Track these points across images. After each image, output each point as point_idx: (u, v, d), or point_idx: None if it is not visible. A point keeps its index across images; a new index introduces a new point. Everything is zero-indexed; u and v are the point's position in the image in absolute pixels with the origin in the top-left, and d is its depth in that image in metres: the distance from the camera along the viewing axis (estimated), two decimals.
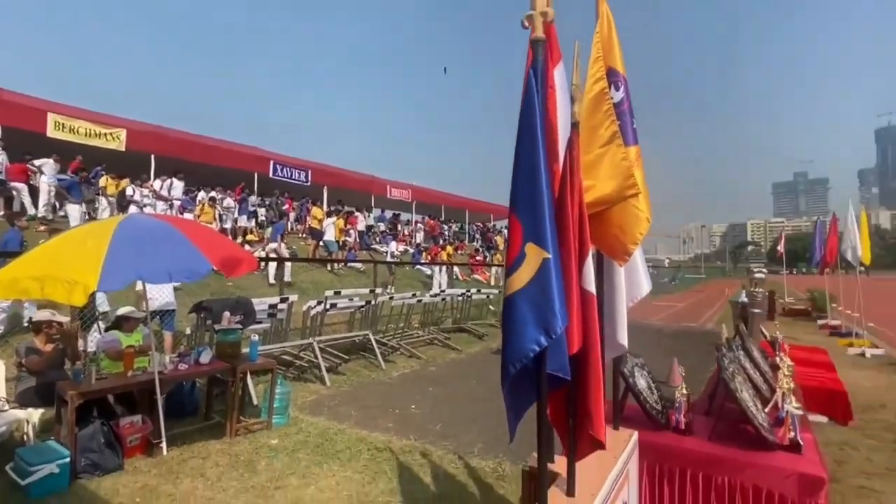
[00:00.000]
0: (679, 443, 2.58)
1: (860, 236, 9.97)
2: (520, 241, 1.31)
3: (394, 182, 23.99)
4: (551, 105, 1.86)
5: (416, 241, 19.63)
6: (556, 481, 1.69)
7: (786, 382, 2.78)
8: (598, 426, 1.54)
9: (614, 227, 1.90)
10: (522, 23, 1.44)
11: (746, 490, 2.34)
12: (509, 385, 1.34)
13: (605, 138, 1.90)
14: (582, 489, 1.62)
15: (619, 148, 1.87)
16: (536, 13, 1.42)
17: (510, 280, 1.30)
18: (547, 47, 1.92)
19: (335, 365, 7.18)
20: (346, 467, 3.91)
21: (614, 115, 1.90)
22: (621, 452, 1.96)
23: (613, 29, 2.05)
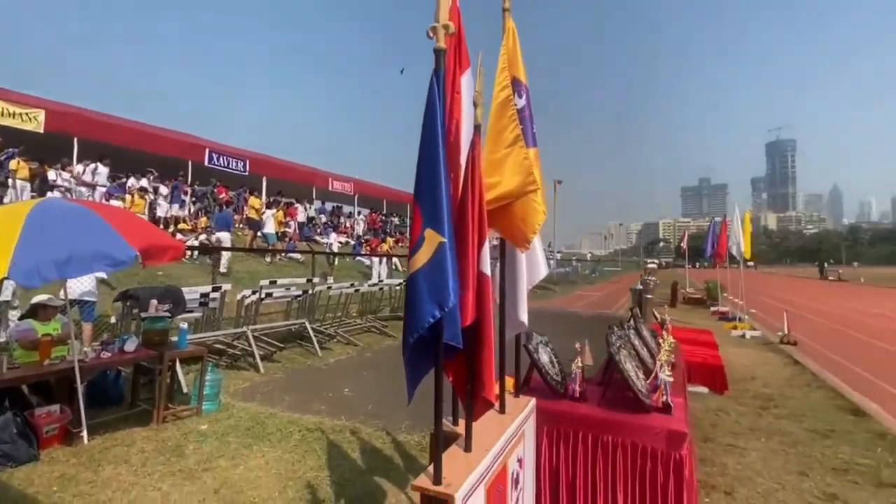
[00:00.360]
0: (574, 409, 2.84)
1: (743, 235, 11.12)
2: (420, 227, 1.43)
3: (336, 175, 23.49)
4: (457, 108, 2.00)
5: (357, 234, 19.39)
6: (457, 440, 1.84)
7: (664, 356, 3.13)
8: (489, 389, 1.71)
9: (517, 218, 2.08)
10: (427, 33, 1.55)
11: (626, 446, 2.63)
12: (410, 353, 1.46)
13: (509, 140, 2.07)
14: (478, 445, 1.78)
15: (522, 149, 2.05)
16: (440, 26, 1.54)
17: (411, 261, 1.43)
18: (455, 56, 2.06)
19: (270, 353, 7.03)
20: (277, 448, 3.90)
21: (517, 120, 2.07)
22: (518, 415, 2.15)
23: (517, 43, 2.21)
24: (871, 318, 13.67)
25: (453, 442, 1.85)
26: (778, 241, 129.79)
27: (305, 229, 17.46)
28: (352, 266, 16.66)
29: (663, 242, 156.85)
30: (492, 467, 1.76)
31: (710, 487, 3.35)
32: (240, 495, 3.12)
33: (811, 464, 3.74)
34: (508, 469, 1.97)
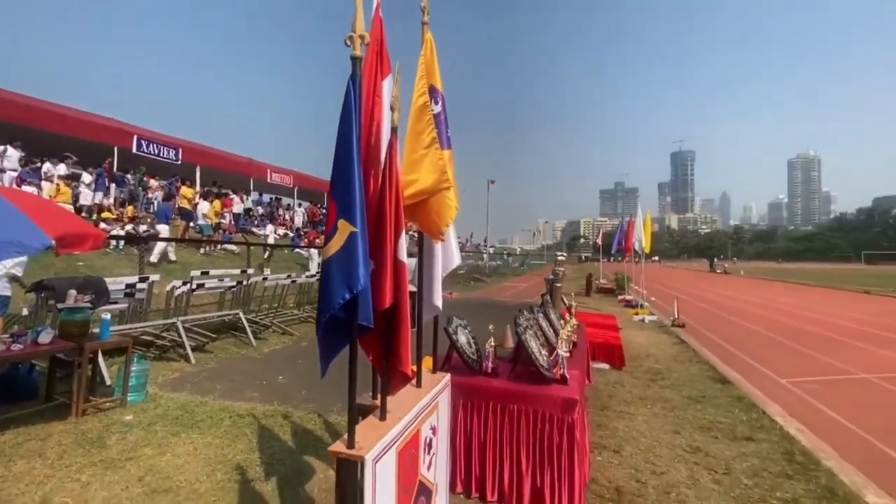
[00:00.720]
0: (486, 383, 3.05)
1: (644, 233, 12.14)
2: (334, 217, 1.51)
3: (275, 167, 22.49)
4: (378, 111, 2.09)
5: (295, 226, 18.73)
6: (374, 411, 1.95)
7: (564, 335, 3.43)
8: (405, 364, 1.83)
9: (432, 212, 2.20)
10: (345, 41, 1.62)
11: (529, 413, 2.88)
12: (323, 331, 1.54)
13: (426, 142, 2.18)
14: (393, 415, 1.90)
15: (437, 151, 2.17)
16: (356, 35, 1.62)
17: (325, 248, 1.50)
18: (377, 63, 2.14)
19: (202, 344, 6.71)
20: (206, 434, 3.78)
21: (434, 124, 2.19)
22: (433, 389, 2.30)
23: (435, 53, 2.33)
24: (742, 304, 15.47)
25: (369, 412, 1.96)
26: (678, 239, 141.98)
27: (242, 221, 16.60)
28: (290, 258, 16.11)
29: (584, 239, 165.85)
30: (404, 433, 1.88)
31: (602, 447, 3.72)
32: (166, 481, 3.02)
33: (684, 424, 4.26)
34: (421, 435, 2.11)
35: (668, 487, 3.10)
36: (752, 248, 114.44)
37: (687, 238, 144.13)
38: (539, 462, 2.82)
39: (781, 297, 18.05)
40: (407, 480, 1.93)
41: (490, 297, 16.36)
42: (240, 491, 2.94)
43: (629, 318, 11.30)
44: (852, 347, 8.15)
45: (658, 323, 10.76)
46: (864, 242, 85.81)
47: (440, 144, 2.20)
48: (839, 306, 14.79)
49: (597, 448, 3.69)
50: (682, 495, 3.00)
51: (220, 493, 2.90)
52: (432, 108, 2.23)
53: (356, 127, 1.56)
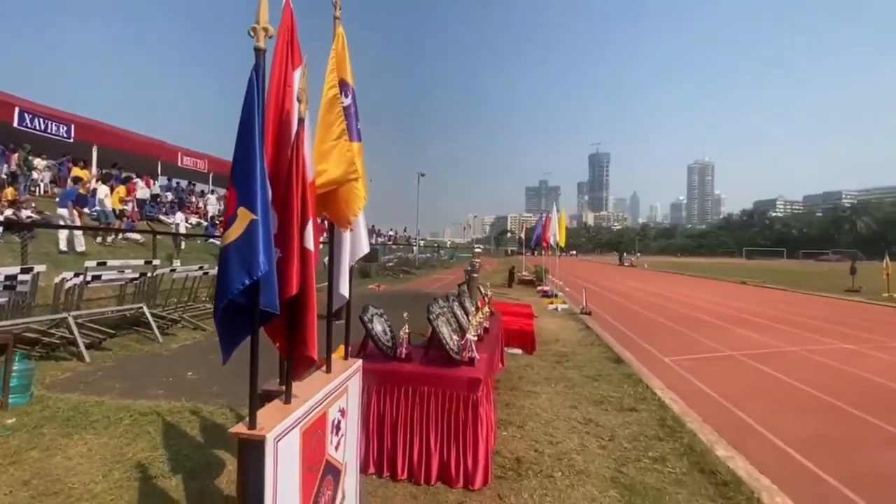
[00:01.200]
0: (400, 368, 3.18)
1: (559, 229, 13.01)
2: (234, 205, 1.53)
3: (187, 150, 20.72)
4: (288, 101, 2.10)
5: (210, 214, 17.48)
6: (280, 396, 1.99)
7: (474, 321, 3.66)
8: (311, 349, 1.89)
9: (341, 202, 2.27)
10: (249, 32, 1.64)
11: (439, 394, 3.06)
12: (221, 318, 1.57)
13: (336, 134, 2.24)
14: (298, 398, 1.96)
15: (346, 142, 2.24)
16: (259, 27, 1.64)
17: (225, 235, 1.52)
18: (288, 53, 2.15)
19: (98, 340, 6.13)
20: (102, 434, 3.53)
21: (343, 117, 2.25)
22: (342, 374, 2.37)
23: (346, 48, 2.39)
24: (642, 294, 17.16)
25: (275, 396, 2.00)
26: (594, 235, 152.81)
27: (148, 207, 15.16)
28: (204, 248, 15.03)
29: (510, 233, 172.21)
30: (309, 415, 1.95)
31: (508, 423, 4.03)
32: (56, 483, 2.80)
33: (580, 399, 4.72)
34: (329, 417, 2.18)
35: (561, 455, 3.45)
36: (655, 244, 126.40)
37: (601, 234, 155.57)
38: (446, 438, 3.02)
39: (675, 287, 20.25)
40: (312, 459, 2.00)
41: (418, 289, 16.53)
42: (140, 489, 2.81)
43: (545, 307, 12.07)
44: (725, 330, 9.44)
45: (569, 311, 11.61)
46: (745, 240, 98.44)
47: (349, 136, 2.28)
48: (720, 295, 16.94)
49: (503, 424, 3.99)
50: (573, 460, 3.37)
51: (118, 491, 2.75)
52: (342, 101, 2.29)
53: (258, 117, 1.59)
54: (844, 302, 15.05)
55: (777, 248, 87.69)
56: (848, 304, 14.61)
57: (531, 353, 6.67)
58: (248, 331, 1.69)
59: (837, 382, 5.64)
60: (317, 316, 1.95)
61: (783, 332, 9.24)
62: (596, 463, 3.34)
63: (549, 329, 8.75)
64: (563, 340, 7.77)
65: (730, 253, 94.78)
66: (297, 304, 1.90)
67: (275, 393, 2.06)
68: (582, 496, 2.90)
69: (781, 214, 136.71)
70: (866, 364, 6.57)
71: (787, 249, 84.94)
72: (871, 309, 13.30)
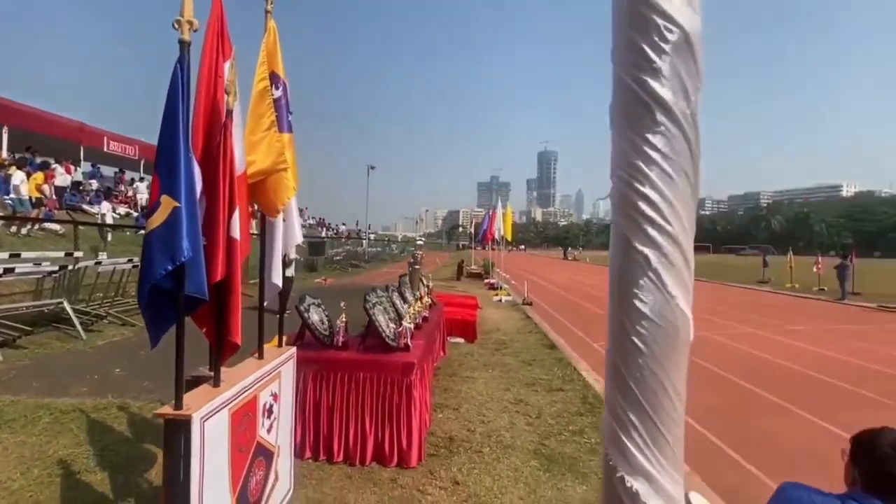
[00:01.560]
0: (336, 355, 3.27)
1: (505, 224, 13.45)
2: (157, 192, 1.57)
3: (114, 135, 19.21)
4: (220, 91, 2.13)
5: (141, 204, 16.35)
6: (209, 381, 2.04)
7: (411, 310, 3.81)
8: (235, 334, 1.96)
9: (270, 191, 2.33)
10: (173, 24, 1.67)
11: (374, 379, 3.19)
12: (146, 303, 1.60)
13: (266, 125, 2.29)
14: (227, 382, 2.01)
15: (276, 133, 2.29)
16: (184, 20, 1.67)
17: (148, 222, 1.56)
18: (219, 45, 2.17)
19: (12, 338, 5.68)
20: (19, 433, 3.36)
21: (273, 108, 2.31)
22: (274, 360, 2.44)
23: (278, 41, 2.44)
24: (579, 285, 18.12)
25: (205, 381, 2.05)
26: (542, 230, 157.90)
27: (69, 196, 13.95)
28: (133, 240, 14.06)
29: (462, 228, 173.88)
30: (238, 397, 2.02)
31: (445, 406, 4.23)
32: None
33: (514, 382, 5.02)
34: (260, 401, 2.25)
35: (491, 432, 3.70)
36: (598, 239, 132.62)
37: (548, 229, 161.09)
38: (381, 421, 3.16)
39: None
40: (242, 441, 2.07)
41: (367, 283, 16.43)
42: (63, 484, 2.73)
43: (490, 298, 12.46)
44: None
45: (512, 302, 12.08)
46: None
47: (279, 128, 2.34)
48: None
49: (440, 407, 4.19)
50: (501, 437, 3.62)
51: (38, 487, 2.66)
52: (273, 93, 2.35)
53: (181, 108, 1.63)
54: (754, 291, 16.73)
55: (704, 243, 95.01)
56: (757, 293, 16.26)
57: (473, 341, 6.93)
58: (175, 316, 1.73)
59: (736, 361, 6.37)
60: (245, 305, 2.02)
61: (699, 318, 10.13)
62: (522, 438, 3.62)
63: (491, 319, 9.09)
64: (504, 329, 8.12)
65: None
66: (223, 291, 1.95)
67: (204, 378, 2.10)
68: (506, 467, 3.14)
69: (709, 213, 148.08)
70: (762, 344, 7.43)
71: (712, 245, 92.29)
72: (775, 297, 14.90)
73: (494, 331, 7.95)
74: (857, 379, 5.52)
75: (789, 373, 5.84)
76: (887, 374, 5.82)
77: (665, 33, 0.54)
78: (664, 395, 0.71)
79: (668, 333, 0.62)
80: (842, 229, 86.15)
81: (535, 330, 8.14)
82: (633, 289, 0.61)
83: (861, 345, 7.55)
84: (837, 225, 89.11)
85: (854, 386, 5.26)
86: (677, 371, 0.70)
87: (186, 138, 1.65)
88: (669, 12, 0.54)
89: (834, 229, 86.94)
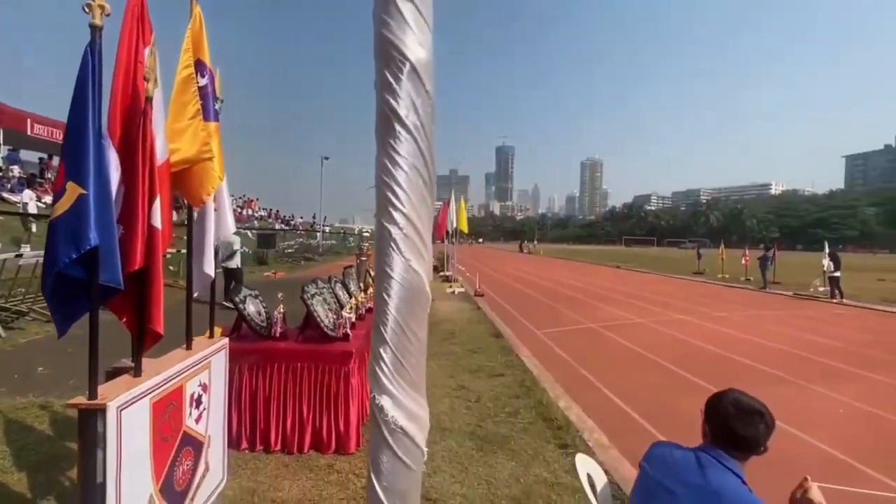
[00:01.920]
0: (273, 346, 3.27)
1: (458, 217, 13.64)
2: (63, 179, 1.54)
3: (39, 116, 17.65)
4: (139, 78, 2.08)
5: None
6: (130, 371, 2.01)
7: (353, 301, 3.85)
8: (157, 323, 1.94)
9: (195, 180, 2.30)
10: (83, 8, 1.62)
11: (311, 368, 3.22)
12: (53, 292, 1.57)
13: (191, 113, 2.26)
14: (149, 372, 2.00)
15: (201, 122, 2.27)
16: (95, 4, 1.63)
17: (54, 208, 1.53)
18: (139, 29, 2.12)
19: None
20: None
21: (198, 97, 2.28)
22: (202, 351, 2.42)
23: (203, 28, 2.39)
24: (531, 276, 18.70)
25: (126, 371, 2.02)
26: (499, 224, 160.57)
27: None
28: None
29: None
30: (161, 387, 2.00)
31: None
32: None
33: (458, 369, 5.18)
34: (187, 390, 2.24)
35: (431, 417, 3.80)
36: (552, 233, 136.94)
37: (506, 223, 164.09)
38: (319, 409, 3.20)
39: (561, 271, 22.36)
40: (166, 429, 2.06)
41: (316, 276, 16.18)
42: None
43: (444, 290, 12.64)
44: (592, 306, 10.79)
45: (465, 294, 12.31)
46: (626, 230, 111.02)
47: (205, 116, 2.31)
48: (597, 277, 19.11)
49: None
50: (441, 420, 3.76)
51: None
52: (198, 81, 2.31)
53: (92, 94, 1.60)
54: (689, 282, 17.93)
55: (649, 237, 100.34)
56: (691, 283, 17.44)
57: None
58: (87, 306, 1.70)
59: (665, 345, 6.86)
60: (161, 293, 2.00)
61: (636, 306, 10.83)
62: (461, 421, 3.77)
63: (443, 310, 9.25)
64: (454, 320, 8.29)
65: (613, 241, 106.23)
66: (144, 280, 1.93)
67: (125, 369, 2.07)
68: (443, 448, 3.28)
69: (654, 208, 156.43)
70: (690, 330, 8.05)
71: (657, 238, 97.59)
72: (707, 287, 16.05)
73: (445, 321, 8.11)
74: (766, 359, 6.11)
75: (710, 355, 6.38)
76: (794, 354, 6.49)
77: (399, 65, 0.71)
78: (403, 335, 0.91)
79: (405, 289, 0.77)
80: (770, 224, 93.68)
81: (484, 320, 8.37)
82: (383, 256, 0.76)
83: (775, 328, 8.34)
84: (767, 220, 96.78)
85: (763, 365, 5.83)
86: (415, 318, 0.91)
87: (97, 125, 1.62)
88: (402, 49, 0.70)
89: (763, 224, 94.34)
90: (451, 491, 2.74)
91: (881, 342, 7.26)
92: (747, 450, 1.31)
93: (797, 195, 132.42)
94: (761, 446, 1.31)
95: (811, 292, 13.49)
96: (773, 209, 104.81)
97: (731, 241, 59.56)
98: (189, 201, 2.35)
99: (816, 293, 13.29)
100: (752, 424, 1.30)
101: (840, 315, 10.19)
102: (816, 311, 10.63)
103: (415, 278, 0.80)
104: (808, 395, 4.78)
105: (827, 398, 4.67)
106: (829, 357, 6.28)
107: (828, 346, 6.93)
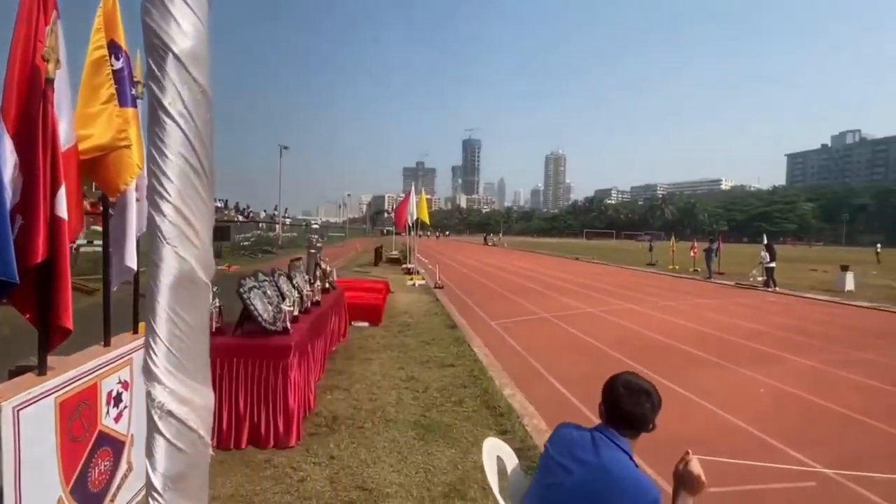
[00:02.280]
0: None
1: (418, 209, 13.62)
2: None
3: None
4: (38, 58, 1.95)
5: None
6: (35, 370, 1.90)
7: (296, 295, 3.79)
8: (65, 318, 1.85)
9: (111, 169, 2.18)
10: None
11: (248, 363, 3.15)
12: None
13: (104, 97, 2.14)
14: (56, 370, 1.90)
15: (116, 107, 2.15)
16: None
17: None
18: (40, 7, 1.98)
19: None
20: None
21: (113, 80, 2.16)
22: (123, 347, 2.33)
23: (117, 7, 2.26)
24: (492, 269, 18.99)
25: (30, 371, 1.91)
26: (466, 217, 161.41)
27: None
28: None
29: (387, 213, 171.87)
30: (69, 385, 1.91)
31: (336, 388, 4.29)
32: None
33: (409, 361, 5.21)
34: (102, 388, 2.15)
35: (377, 409, 3.84)
36: (517, 226, 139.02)
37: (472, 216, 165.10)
38: (256, 403, 3.14)
39: (523, 263, 22.79)
40: (77, 430, 1.97)
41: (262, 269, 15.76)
42: None
43: (404, 283, 12.61)
44: (547, 296, 11.08)
45: (425, 286, 12.34)
46: (587, 223, 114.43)
47: (120, 101, 2.20)
48: (555, 268, 19.62)
49: (330, 389, 4.24)
50: (386, 412, 3.78)
51: None
52: (112, 64, 2.19)
53: None
54: (641, 273, 18.72)
55: (609, 230, 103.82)
56: (643, 274, 18.22)
57: (377, 325, 7.03)
58: None
59: (611, 333, 7.16)
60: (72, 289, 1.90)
61: (589, 297, 11.22)
62: (406, 412, 3.80)
63: (401, 302, 9.24)
64: (411, 312, 8.30)
65: (575, 234, 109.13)
66: (48, 274, 1.83)
67: (29, 367, 1.96)
68: (385, 440, 3.30)
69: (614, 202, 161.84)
70: (637, 319, 8.42)
71: (616, 231, 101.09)
72: (657, 277, 16.81)
73: (402, 314, 8.11)
74: (704, 345, 6.50)
75: (652, 342, 6.71)
76: (729, 340, 6.92)
77: (162, 53, 0.73)
78: (171, 322, 0.89)
79: (173, 276, 0.79)
80: (720, 218, 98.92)
81: (441, 312, 8.44)
82: (152, 247, 0.77)
83: (713, 316, 8.86)
84: (717, 214, 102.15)
85: (698, 350, 6.19)
86: (183, 304, 0.89)
87: None
88: (163, 37, 0.72)
89: (714, 218, 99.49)
90: (388, 480, 2.77)
91: (806, 328, 7.86)
92: (637, 428, 1.40)
93: (744, 190, 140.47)
94: (650, 424, 1.40)
95: (750, 282, 14.39)
96: (722, 203, 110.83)
97: (684, 234, 62.60)
98: (104, 191, 2.23)
99: (755, 283, 14.18)
100: (639, 404, 1.39)
101: (773, 303, 10.94)
102: (752, 300, 11.36)
103: (183, 265, 0.81)
104: (733, 375, 5.13)
105: (751, 379, 5.03)
106: (758, 342, 6.75)
107: (758, 332, 7.44)
